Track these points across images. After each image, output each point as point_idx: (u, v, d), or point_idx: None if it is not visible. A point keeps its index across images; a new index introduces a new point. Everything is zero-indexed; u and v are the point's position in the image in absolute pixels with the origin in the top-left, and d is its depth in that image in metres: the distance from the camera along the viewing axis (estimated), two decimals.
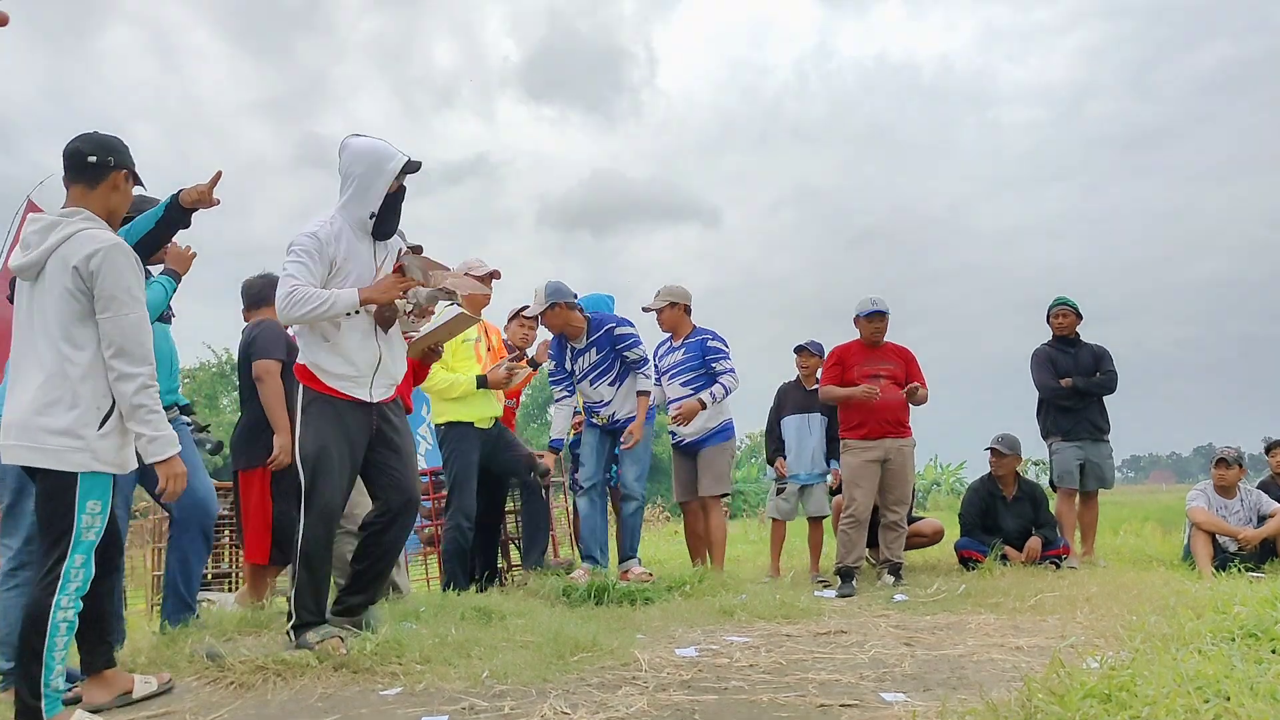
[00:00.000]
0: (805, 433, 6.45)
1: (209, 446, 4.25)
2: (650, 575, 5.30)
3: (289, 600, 3.37)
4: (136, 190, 2.95)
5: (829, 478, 6.49)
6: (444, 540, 5.21)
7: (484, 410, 5.20)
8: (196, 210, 3.23)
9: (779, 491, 6.57)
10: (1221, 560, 5.74)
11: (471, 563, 5.38)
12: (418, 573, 6.73)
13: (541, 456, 5.43)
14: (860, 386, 5.66)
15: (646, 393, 5.38)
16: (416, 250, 3.57)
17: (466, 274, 5.09)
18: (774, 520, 6.73)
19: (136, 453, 2.71)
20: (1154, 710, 2.03)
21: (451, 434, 5.15)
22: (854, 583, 5.54)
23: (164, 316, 3.78)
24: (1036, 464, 16.98)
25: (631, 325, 5.44)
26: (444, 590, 4.95)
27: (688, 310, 5.98)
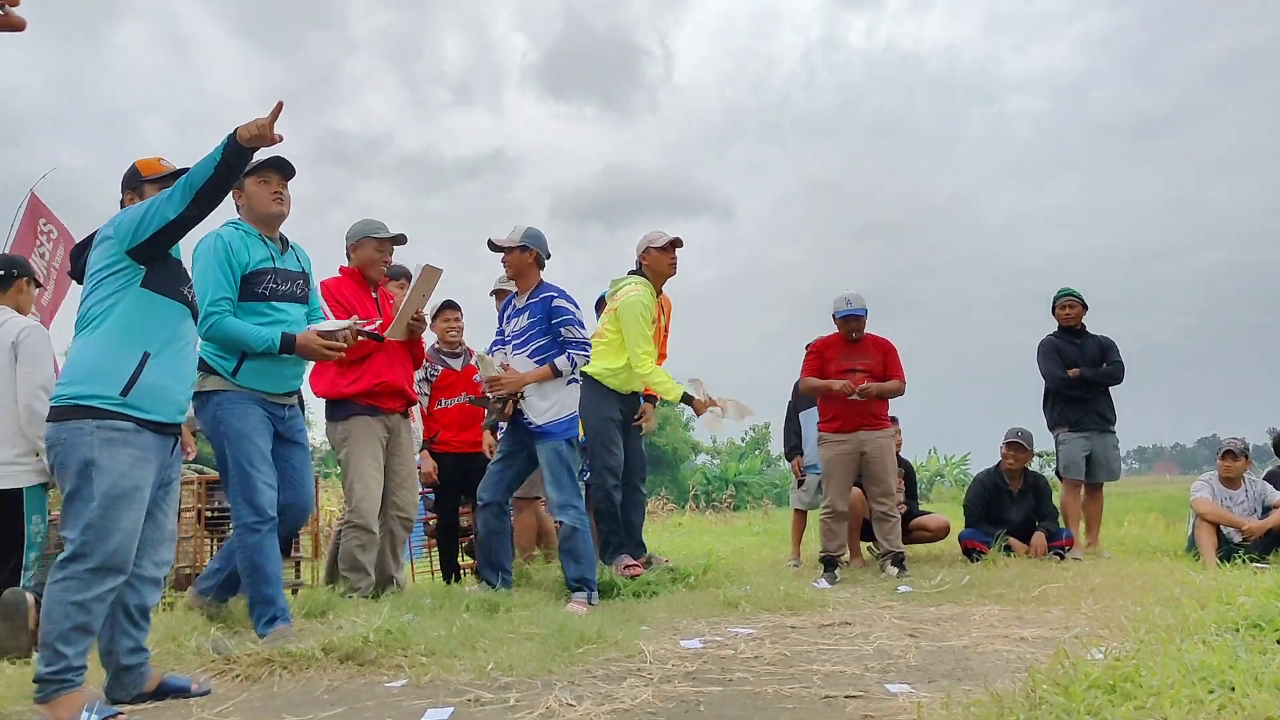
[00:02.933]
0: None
1: None
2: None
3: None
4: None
5: None
6: (594, 500, 5.18)
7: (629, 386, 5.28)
8: (256, 149, 2.86)
9: (800, 484, 6.88)
10: (1226, 551, 5.74)
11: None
12: (422, 565, 6.75)
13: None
14: (840, 381, 5.75)
15: (555, 369, 4.58)
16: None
17: (650, 246, 5.29)
18: (796, 510, 7.07)
19: None
20: (1158, 701, 2.03)
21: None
22: (837, 571, 5.72)
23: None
24: (1041, 455, 17.00)
25: (576, 306, 4.75)
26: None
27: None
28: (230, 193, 3.15)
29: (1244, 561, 5.30)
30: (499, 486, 4.79)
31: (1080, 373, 6.43)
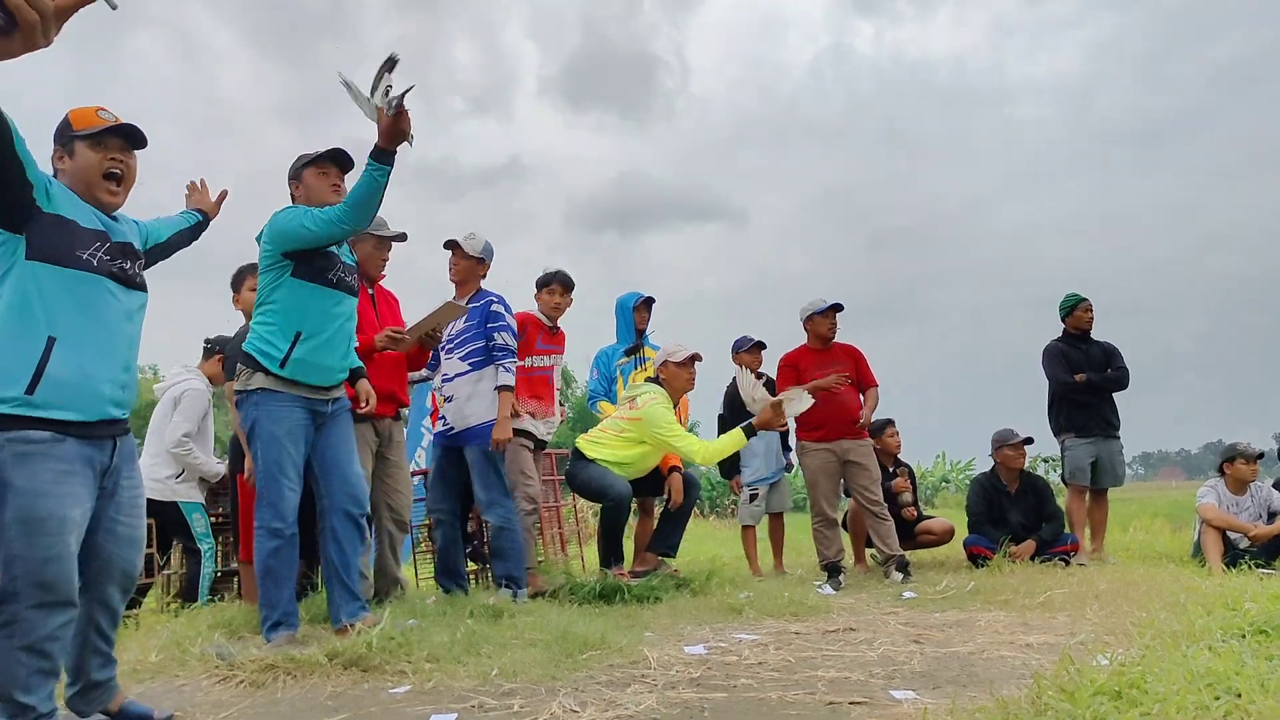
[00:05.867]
0: (764, 433, 6.41)
1: None
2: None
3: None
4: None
5: (785, 472, 6.60)
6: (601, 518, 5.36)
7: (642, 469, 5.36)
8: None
9: (751, 499, 6.56)
10: (1232, 556, 5.72)
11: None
12: (426, 570, 6.74)
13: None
14: (830, 377, 5.80)
15: (508, 388, 4.72)
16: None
17: (668, 360, 5.37)
18: (745, 526, 6.72)
19: None
20: (1164, 707, 2.03)
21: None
22: (841, 577, 5.71)
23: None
24: (1046, 460, 16.98)
25: (511, 315, 4.89)
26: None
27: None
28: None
29: (1250, 567, 5.29)
30: (447, 498, 4.98)
31: (1087, 378, 6.42)
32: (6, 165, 2.31)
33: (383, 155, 3.33)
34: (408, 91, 3.22)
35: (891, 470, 6.76)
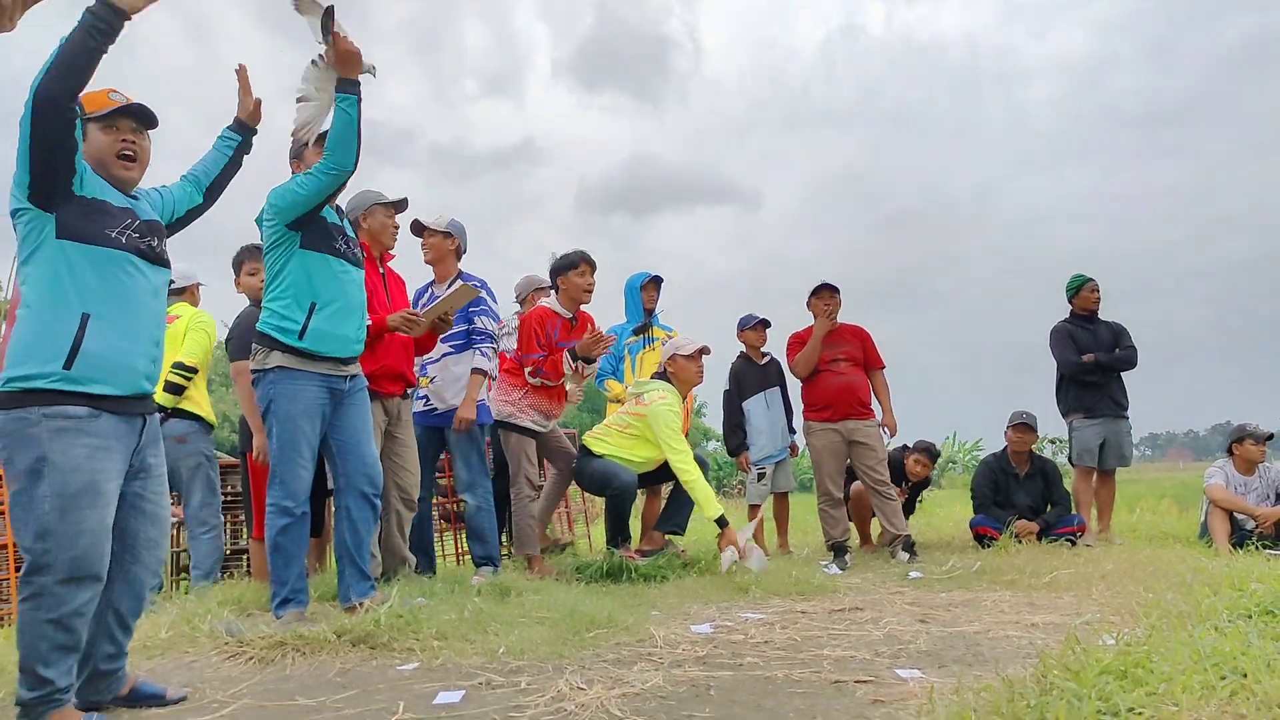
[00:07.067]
0: (768, 409, 6.44)
1: None
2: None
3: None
4: None
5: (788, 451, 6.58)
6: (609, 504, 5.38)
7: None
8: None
9: (759, 478, 6.47)
10: (1239, 538, 5.72)
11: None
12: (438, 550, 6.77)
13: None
14: (818, 321, 6.00)
15: (482, 372, 4.75)
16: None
17: (676, 354, 5.37)
18: (751, 506, 6.60)
19: None
20: (1170, 687, 2.03)
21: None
22: (847, 557, 5.74)
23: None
24: (1053, 441, 16.96)
25: (494, 299, 4.92)
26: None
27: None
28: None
29: (1257, 548, 5.28)
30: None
31: (1095, 358, 6.39)
32: (70, 150, 2.44)
33: (344, 85, 3.44)
34: (328, 20, 3.34)
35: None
